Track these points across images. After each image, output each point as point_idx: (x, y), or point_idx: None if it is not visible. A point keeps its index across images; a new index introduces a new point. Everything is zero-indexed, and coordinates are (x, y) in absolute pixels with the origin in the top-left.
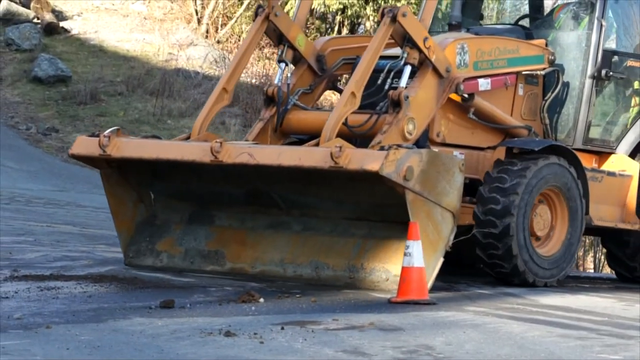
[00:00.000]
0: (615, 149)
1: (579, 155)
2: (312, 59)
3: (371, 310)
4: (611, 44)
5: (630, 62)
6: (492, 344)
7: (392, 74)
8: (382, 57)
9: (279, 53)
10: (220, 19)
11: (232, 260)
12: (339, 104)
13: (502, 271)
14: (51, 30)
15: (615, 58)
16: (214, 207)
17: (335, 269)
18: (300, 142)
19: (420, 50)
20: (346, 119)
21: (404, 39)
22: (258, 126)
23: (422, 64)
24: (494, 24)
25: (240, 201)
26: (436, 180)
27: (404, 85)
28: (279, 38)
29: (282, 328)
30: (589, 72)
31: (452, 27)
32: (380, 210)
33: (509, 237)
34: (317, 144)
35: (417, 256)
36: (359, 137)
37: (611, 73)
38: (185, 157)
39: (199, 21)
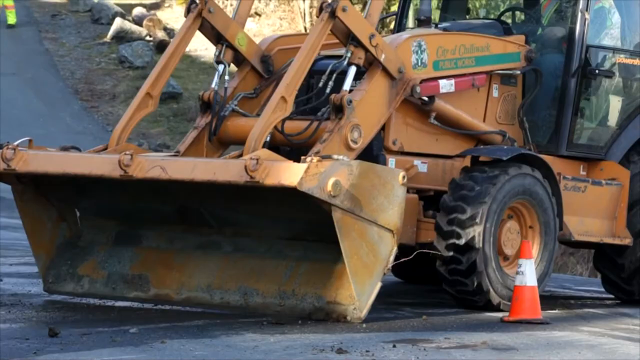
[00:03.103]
0: (605, 155)
1: (564, 162)
2: (255, 60)
3: (483, 329)
4: (609, 40)
5: (621, 59)
6: None
7: (334, 75)
8: (331, 57)
9: (216, 53)
10: None
11: (157, 285)
12: (266, 110)
13: (464, 289)
14: (163, 47)
15: (603, 54)
16: (142, 226)
17: (265, 295)
18: None
19: (366, 49)
20: (283, 127)
21: (348, 37)
22: (191, 135)
23: (372, 64)
24: (474, 19)
25: (169, 219)
26: (371, 196)
27: (348, 89)
28: (216, 37)
29: (394, 346)
30: (572, 70)
31: (421, 23)
32: (316, 229)
33: (474, 250)
34: (240, 155)
35: (530, 275)
36: (297, 147)
37: (597, 71)
38: (93, 172)
39: None
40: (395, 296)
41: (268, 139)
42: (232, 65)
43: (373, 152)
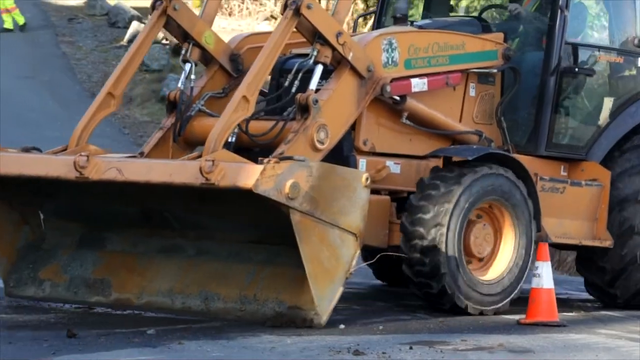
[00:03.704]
0: (586, 155)
1: (543, 162)
2: (224, 59)
3: (500, 331)
4: (592, 38)
5: (603, 57)
6: None
7: (300, 74)
8: (303, 55)
9: (183, 52)
10: None
11: (118, 290)
12: (227, 110)
13: (430, 292)
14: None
15: (584, 52)
16: (107, 229)
17: (226, 300)
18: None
19: (332, 47)
20: (247, 127)
21: (314, 35)
22: (157, 136)
23: (340, 63)
24: (455, 16)
25: (134, 222)
26: (332, 198)
27: (314, 88)
28: (183, 35)
29: (411, 347)
30: (551, 68)
31: (398, 20)
32: (280, 232)
33: (437, 251)
34: (200, 157)
35: (547, 277)
36: (262, 147)
37: (577, 69)
38: (49, 173)
39: None
40: (409, 299)
41: (233, 139)
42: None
43: (343, 153)
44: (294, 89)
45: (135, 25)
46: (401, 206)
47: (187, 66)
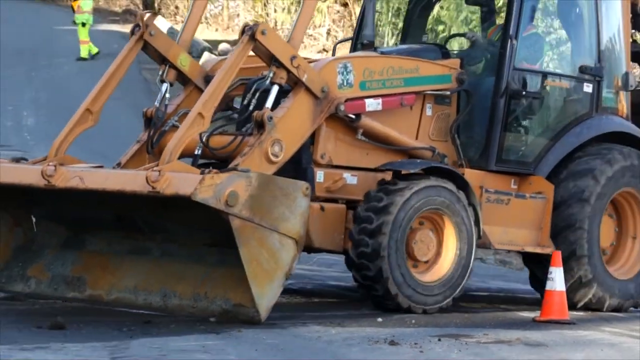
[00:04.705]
0: (534, 170)
1: (495, 176)
2: (199, 80)
3: (517, 327)
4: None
5: (549, 82)
6: None
7: (257, 93)
8: None
9: (159, 73)
10: None
11: (92, 286)
12: (183, 126)
13: (376, 294)
14: None
15: (533, 77)
16: (87, 232)
17: (182, 297)
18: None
19: (287, 70)
20: (208, 141)
21: (271, 58)
22: (134, 148)
23: (296, 84)
24: (421, 43)
25: (111, 226)
26: (272, 206)
27: (269, 106)
28: (160, 58)
29: (439, 339)
30: (501, 91)
31: (364, 46)
32: (230, 236)
33: (380, 257)
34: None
35: (559, 281)
36: (222, 160)
37: (524, 92)
38: (22, 181)
39: None
40: None
41: (199, 152)
42: None
43: (302, 165)
44: (251, 107)
45: (206, 56)
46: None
47: (164, 86)
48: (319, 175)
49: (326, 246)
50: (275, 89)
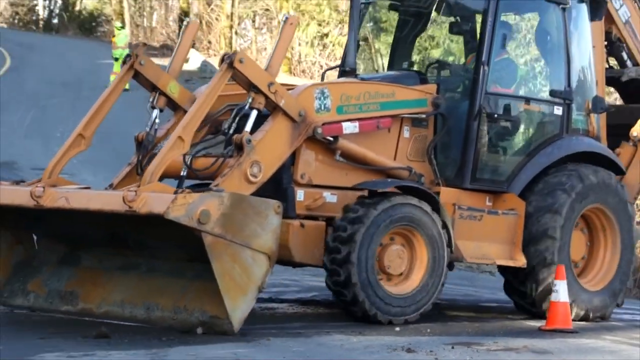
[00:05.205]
0: (507, 188)
1: (470, 194)
2: (187, 106)
3: (524, 335)
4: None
5: (520, 105)
6: None
7: (237, 118)
8: None
9: (150, 100)
10: None
11: (84, 300)
12: (163, 149)
13: (344, 299)
14: None
15: (505, 101)
16: (82, 249)
17: (164, 309)
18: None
19: (265, 96)
20: (191, 163)
21: (249, 85)
22: (125, 170)
23: (275, 109)
24: (401, 70)
25: (103, 243)
26: (243, 223)
27: (249, 130)
28: (151, 86)
29: (453, 347)
30: (474, 114)
31: (346, 73)
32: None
33: (350, 263)
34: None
35: (563, 293)
36: (205, 181)
37: (496, 115)
38: (15, 202)
39: None
40: (451, 309)
41: (185, 173)
42: None
43: (283, 185)
44: (231, 130)
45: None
46: None
47: (154, 112)
48: (299, 194)
49: (307, 261)
50: (254, 114)
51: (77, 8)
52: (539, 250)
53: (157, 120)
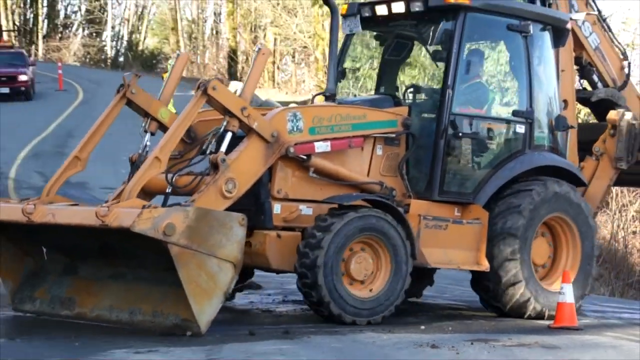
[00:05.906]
0: (473, 199)
1: (439, 205)
2: None
3: (535, 333)
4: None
5: (484, 124)
6: None
7: (214, 140)
8: None
9: (142, 125)
10: None
11: (80, 305)
12: (141, 169)
13: (311, 300)
14: None
15: (467, 120)
16: (80, 259)
17: (145, 314)
18: None
19: (239, 119)
20: (173, 179)
21: (224, 110)
22: (120, 188)
23: (249, 131)
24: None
25: (97, 254)
26: (209, 234)
27: (224, 150)
28: (143, 112)
29: (472, 343)
30: (440, 132)
31: (327, 98)
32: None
33: (317, 267)
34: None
35: (569, 295)
36: (185, 196)
37: (461, 133)
38: (10, 218)
39: None
40: (469, 310)
41: (170, 190)
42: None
43: (260, 199)
44: (208, 151)
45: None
46: None
47: (146, 136)
48: (276, 207)
49: (283, 267)
50: (228, 135)
51: (140, 47)
52: (501, 247)
53: (148, 143)
